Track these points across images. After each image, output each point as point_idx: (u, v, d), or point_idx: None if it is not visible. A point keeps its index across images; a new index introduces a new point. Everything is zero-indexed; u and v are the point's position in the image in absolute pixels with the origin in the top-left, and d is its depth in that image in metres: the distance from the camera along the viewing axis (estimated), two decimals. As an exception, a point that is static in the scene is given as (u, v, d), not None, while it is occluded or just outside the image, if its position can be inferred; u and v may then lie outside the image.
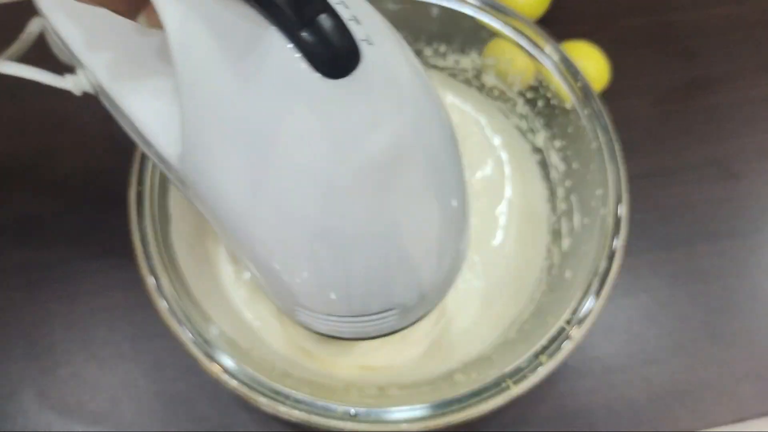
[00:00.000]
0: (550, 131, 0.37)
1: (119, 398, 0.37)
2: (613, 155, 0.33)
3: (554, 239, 0.37)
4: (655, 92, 0.47)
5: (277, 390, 0.28)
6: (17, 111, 0.45)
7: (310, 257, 0.19)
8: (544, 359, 0.29)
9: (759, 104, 0.47)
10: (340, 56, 0.16)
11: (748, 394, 0.39)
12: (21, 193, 0.43)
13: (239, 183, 0.19)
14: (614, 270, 0.30)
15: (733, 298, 0.41)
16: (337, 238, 0.19)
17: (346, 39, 0.16)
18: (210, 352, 0.29)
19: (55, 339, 0.39)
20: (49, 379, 0.38)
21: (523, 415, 0.38)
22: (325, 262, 0.19)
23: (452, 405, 0.28)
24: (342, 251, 0.19)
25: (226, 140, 0.18)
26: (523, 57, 0.36)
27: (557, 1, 0.47)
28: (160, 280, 0.30)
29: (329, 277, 0.20)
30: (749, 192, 0.44)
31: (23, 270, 0.40)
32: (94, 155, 0.43)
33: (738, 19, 0.49)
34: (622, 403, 0.38)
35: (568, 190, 0.36)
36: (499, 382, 0.28)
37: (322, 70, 0.16)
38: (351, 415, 0.28)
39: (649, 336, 0.40)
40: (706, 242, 0.42)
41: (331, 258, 0.19)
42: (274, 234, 0.19)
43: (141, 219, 0.31)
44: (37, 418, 0.37)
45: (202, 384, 0.38)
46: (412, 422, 0.28)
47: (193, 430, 0.37)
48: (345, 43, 0.16)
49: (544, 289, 0.35)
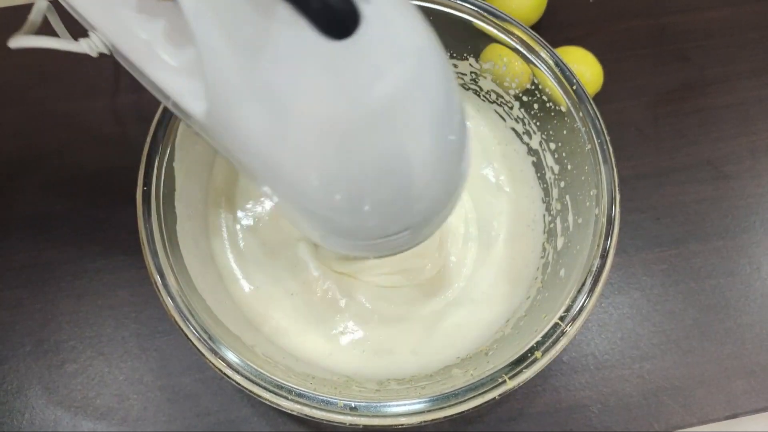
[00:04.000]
0: (545, 134, 0.38)
1: (125, 394, 0.38)
2: (607, 157, 0.33)
3: (549, 238, 0.37)
4: (648, 95, 0.47)
5: (279, 384, 0.29)
6: (24, 111, 0.46)
7: (334, 191, 0.22)
8: (539, 355, 0.29)
9: (751, 106, 0.47)
10: (341, 18, 0.17)
11: (740, 390, 0.39)
12: (28, 193, 0.43)
13: (264, 134, 0.21)
14: (607, 268, 0.31)
15: (725, 296, 0.42)
16: (355, 173, 0.21)
17: (345, 2, 0.18)
18: (215, 348, 0.29)
19: (62, 336, 0.40)
20: (56, 375, 0.39)
21: (518, 409, 0.38)
22: (348, 194, 0.22)
23: (449, 399, 0.29)
24: (360, 183, 0.22)
25: (247, 98, 0.20)
26: (519, 61, 0.36)
27: (551, 7, 0.47)
28: (166, 278, 0.30)
29: (352, 205, 0.23)
30: (741, 192, 0.45)
31: (31, 268, 0.41)
32: (101, 155, 0.44)
33: (730, 22, 0.50)
34: (615, 399, 0.39)
35: (563, 190, 0.37)
36: (495, 377, 0.29)
37: (327, 32, 0.17)
38: (351, 409, 0.28)
39: (643, 333, 0.40)
40: (698, 241, 0.43)
41: (352, 189, 0.22)
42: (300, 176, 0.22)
43: (147, 218, 0.31)
44: (44, 414, 0.38)
45: (206, 379, 0.38)
46: (410, 416, 0.28)
47: (198, 425, 0.38)
48: (345, 6, 0.17)
49: (539, 287, 0.36)
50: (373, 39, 0.19)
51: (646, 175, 0.45)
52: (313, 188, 0.22)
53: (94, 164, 0.44)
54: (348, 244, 0.26)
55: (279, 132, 0.21)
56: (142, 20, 0.24)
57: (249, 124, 0.21)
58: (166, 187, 0.33)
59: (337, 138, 0.20)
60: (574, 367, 0.39)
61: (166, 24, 0.24)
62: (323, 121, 0.20)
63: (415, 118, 0.21)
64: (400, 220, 0.24)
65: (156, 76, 0.24)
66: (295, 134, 0.21)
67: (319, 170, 0.22)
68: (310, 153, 0.21)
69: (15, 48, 0.29)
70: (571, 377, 0.39)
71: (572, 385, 0.39)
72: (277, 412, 0.38)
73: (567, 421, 0.38)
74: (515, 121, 0.40)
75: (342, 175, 0.22)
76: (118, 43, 0.24)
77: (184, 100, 0.23)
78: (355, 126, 0.20)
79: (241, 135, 0.22)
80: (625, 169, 0.45)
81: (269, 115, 0.20)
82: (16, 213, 0.43)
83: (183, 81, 0.24)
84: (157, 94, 0.26)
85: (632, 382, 0.39)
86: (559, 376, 0.39)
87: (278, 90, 0.20)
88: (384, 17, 0.20)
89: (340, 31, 0.17)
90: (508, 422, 0.38)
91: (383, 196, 0.23)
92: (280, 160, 0.22)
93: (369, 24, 0.18)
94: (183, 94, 0.23)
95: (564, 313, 0.30)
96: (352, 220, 0.24)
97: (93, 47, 0.27)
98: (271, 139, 0.21)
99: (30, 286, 0.41)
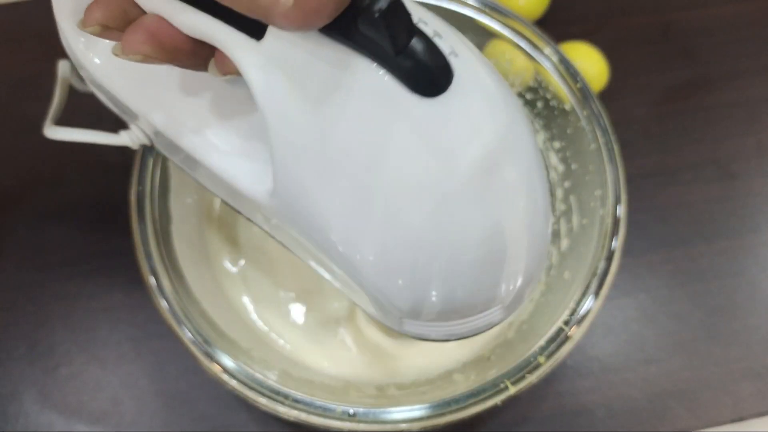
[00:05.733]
0: (550, 132, 0.37)
1: (120, 398, 0.38)
2: (612, 156, 0.33)
3: (553, 240, 0.37)
4: (653, 92, 0.47)
5: (276, 390, 0.28)
6: (20, 108, 0.45)
7: (424, 271, 0.19)
8: (543, 360, 0.29)
9: (757, 104, 0.47)
10: (437, 76, 0.16)
11: (747, 393, 0.39)
12: (22, 194, 0.43)
13: (345, 212, 0.19)
14: (612, 271, 0.30)
15: (732, 298, 0.41)
16: (451, 247, 0.19)
17: (439, 58, 0.16)
18: (210, 351, 0.29)
19: (56, 340, 0.39)
20: (50, 379, 0.38)
21: (523, 414, 0.38)
22: (440, 272, 0.19)
23: (450, 405, 0.28)
24: (456, 259, 0.19)
25: (328, 172, 0.18)
26: (522, 58, 0.36)
27: (556, 2, 0.47)
28: (161, 280, 0.30)
29: (444, 287, 0.20)
30: (747, 192, 0.44)
31: (24, 271, 0.41)
32: (96, 156, 0.43)
33: (737, 18, 0.49)
34: (621, 403, 0.38)
35: (567, 191, 0.36)
36: (498, 382, 0.28)
37: (421, 91, 0.16)
38: (350, 415, 0.28)
39: (648, 335, 0.40)
40: (704, 242, 0.42)
41: (445, 268, 0.19)
42: (387, 255, 0.19)
43: (142, 219, 0.31)
44: (38, 418, 0.37)
45: (202, 384, 0.38)
46: (411, 422, 0.28)
47: (194, 430, 0.37)
48: (439, 62, 0.16)
49: (542, 290, 0.35)
50: (465, 94, 0.17)
51: (651, 174, 0.44)
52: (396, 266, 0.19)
53: (90, 166, 0.43)
54: (430, 328, 0.23)
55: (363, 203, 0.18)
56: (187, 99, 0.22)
57: (324, 200, 0.19)
58: (160, 189, 0.32)
59: (432, 204, 0.18)
60: (578, 370, 0.39)
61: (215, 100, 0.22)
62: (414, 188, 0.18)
63: (512, 178, 0.19)
64: (491, 295, 0.21)
65: (210, 161, 0.22)
66: (380, 202, 0.18)
67: (408, 246, 0.19)
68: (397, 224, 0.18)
69: (52, 138, 0.27)
70: (576, 381, 0.38)
71: (577, 389, 0.38)
72: (273, 418, 0.37)
73: (572, 426, 0.38)
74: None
75: (435, 251, 0.19)
76: (165, 129, 0.23)
77: (243, 184, 0.21)
78: (452, 188, 0.18)
79: (313, 212, 0.19)
80: (630, 167, 0.44)
81: (352, 186, 0.18)
82: (9, 217, 0.42)
83: (242, 163, 0.22)
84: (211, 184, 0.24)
85: (637, 385, 0.39)
86: (564, 380, 0.38)
87: (361, 156, 0.18)
88: (472, 71, 0.18)
89: (433, 90, 0.16)
90: (512, 426, 0.37)
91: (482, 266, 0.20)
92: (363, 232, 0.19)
93: (459, 79, 0.17)
94: (243, 177, 0.22)
95: (568, 317, 0.30)
96: (441, 300, 0.20)
97: (134, 139, 0.26)
98: (350, 213, 0.19)
99: (23, 288, 0.40)
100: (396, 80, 0.16)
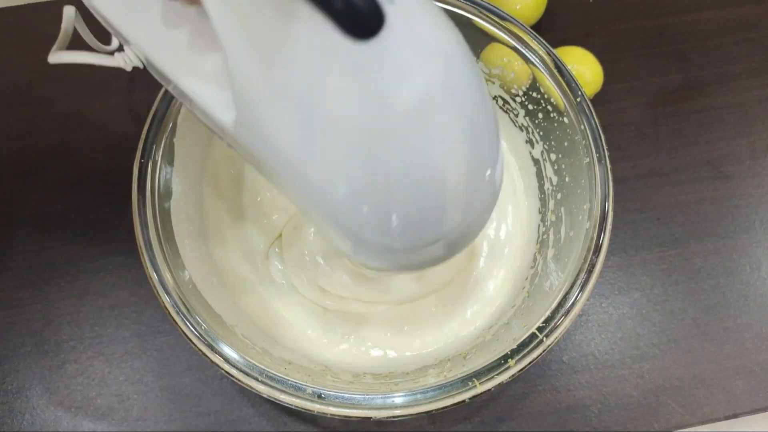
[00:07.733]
0: (548, 143, 0.37)
1: (126, 394, 0.38)
2: (602, 160, 0.33)
3: (541, 249, 0.37)
4: (648, 95, 0.47)
5: (252, 366, 0.29)
6: (28, 111, 0.46)
7: (362, 199, 0.22)
8: (512, 362, 0.29)
9: (750, 106, 0.47)
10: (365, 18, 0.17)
11: (740, 390, 0.39)
12: (30, 194, 0.43)
13: (290, 141, 0.21)
14: (592, 283, 0.31)
15: (725, 296, 0.42)
16: (385, 179, 0.21)
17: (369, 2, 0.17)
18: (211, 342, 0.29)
19: (62, 337, 0.40)
20: (56, 375, 0.39)
21: (518, 409, 0.38)
22: (377, 201, 0.22)
23: (417, 397, 0.29)
24: (390, 189, 0.21)
25: (272, 103, 0.20)
26: (518, 61, 0.36)
27: (551, 7, 0.47)
28: (163, 275, 0.30)
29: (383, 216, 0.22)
30: (740, 192, 0.45)
31: (31, 269, 0.41)
32: (103, 156, 0.44)
33: (730, 22, 0.50)
34: (615, 399, 0.39)
35: (559, 203, 0.37)
36: (466, 380, 0.29)
37: (351, 33, 0.17)
38: (319, 396, 0.29)
39: (643, 333, 0.40)
40: (698, 241, 0.43)
41: (381, 197, 0.21)
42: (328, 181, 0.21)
43: (144, 216, 0.31)
44: (44, 414, 0.38)
45: (207, 380, 0.38)
46: (378, 409, 0.28)
47: (199, 425, 0.38)
48: (369, 5, 0.17)
49: (524, 296, 0.36)
50: (398, 39, 0.19)
51: (645, 175, 0.45)
52: (341, 196, 0.21)
53: (95, 166, 0.44)
54: (379, 256, 0.25)
55: (305, 138, 0.20)
56: (170, 29, 0.24)
57: (275, 131, 0.21)
58: (163, 187, 0.33)
59: (365, 143, 0.20)
60: (573, 367, 0.39)
61: (193, 31, 0.24)
62: (349, 126, 0.20)
63: (445, 121, 0.20)
64: (432, 230, 0.23)
65: (187, 87, 0.24)
66: (321, 140, 0.20)
67: (347, 177, 0.21)
68: (337, 159, 0.20)
69: (54, 63, 0.29)
70: (571, 377, 0.39)
71: (572, 385, 0.39)
72: (278, 411, 0.38)
73: (567, 421, 0.38)
74: (520, 129, 0.40)
75: (371, 182, 0.21)
76: (150, 54, 0.24)
77: (214, 110, 0.23)
78: (383, 129, 0.20)
79: (269, 143, 0.21)
80: (625, 169, 0.45)
81: (294, 121, 0.20)
82: (17, 215, 0.43)
83: (212, 90, 0.23)
84: (191, 106, 0.26)
85: (632, 382, 0.39)
86: (559, 376, 0.39)
87: (302, 94, 0.19)
88: (408, 17, 0.19)
89: (364, 31, 0.17)
90: (507, 422, 0.38)
91: (415, 203, 0.22)
92: (307, 168, 0.21)
93: (393, 24, 0.18)
94: (213, 104, 0.23)
95: (543, 324, 0.30)
96: (383, 228, 0.23)
97: (127, 61, 0.27)
98: (297, 146, 0.21)
99: (30, 286, 0.41)
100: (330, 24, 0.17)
